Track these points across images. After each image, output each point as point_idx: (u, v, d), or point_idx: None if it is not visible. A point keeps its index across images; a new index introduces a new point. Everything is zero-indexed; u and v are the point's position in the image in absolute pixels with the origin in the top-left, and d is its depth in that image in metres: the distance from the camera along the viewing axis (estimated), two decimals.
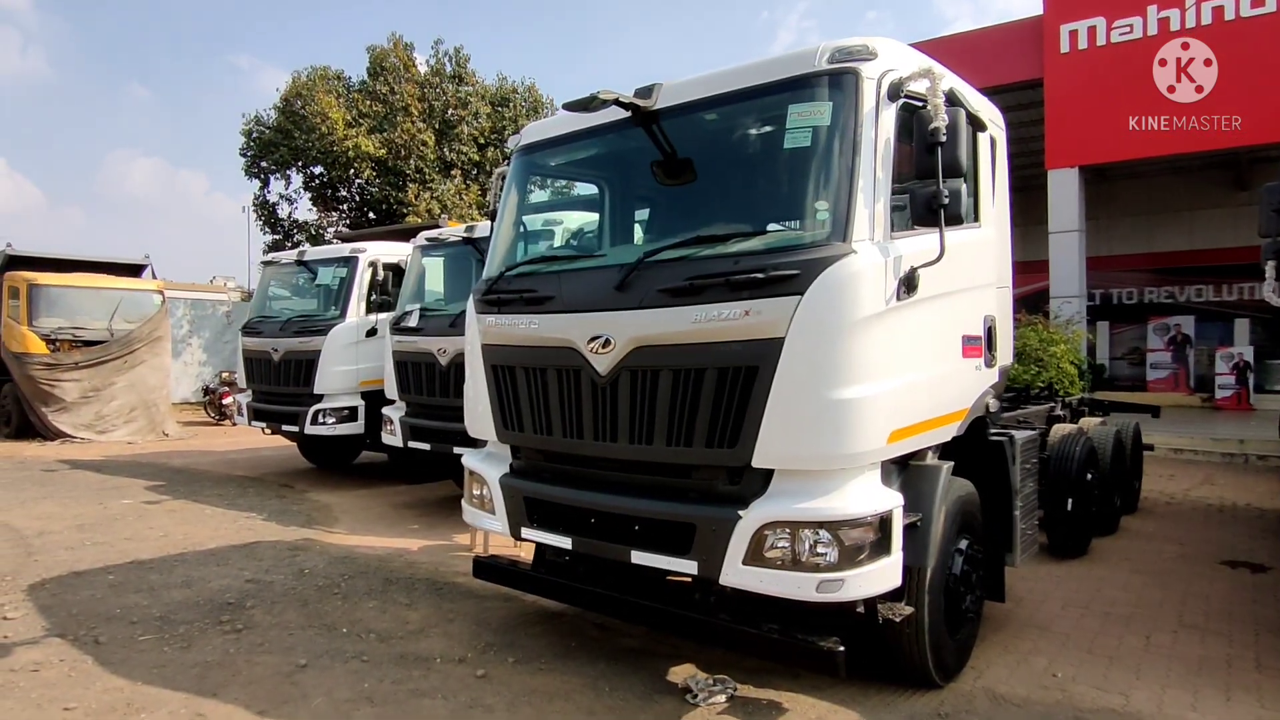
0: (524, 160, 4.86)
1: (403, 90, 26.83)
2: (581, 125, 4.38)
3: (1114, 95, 14.69)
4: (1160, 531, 8.27)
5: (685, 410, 3.57)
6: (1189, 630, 5.17)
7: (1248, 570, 6.75)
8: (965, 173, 3.42)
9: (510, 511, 4.38)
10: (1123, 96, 14.57)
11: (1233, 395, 20.65)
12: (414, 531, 7.89)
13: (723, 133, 4.07)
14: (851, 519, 3.25)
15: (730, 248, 3.58)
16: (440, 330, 8.46)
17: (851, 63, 3.48)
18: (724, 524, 3.44)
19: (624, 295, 3.75)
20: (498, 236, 4.88)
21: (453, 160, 27.52)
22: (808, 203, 3.54)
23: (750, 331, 3.35)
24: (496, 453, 4.70)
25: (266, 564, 6.49)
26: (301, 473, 11.65)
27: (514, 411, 4.36)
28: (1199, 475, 12.49)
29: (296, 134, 26.40)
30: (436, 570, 6.37)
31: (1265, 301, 21.21)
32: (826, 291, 3.24)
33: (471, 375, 4.72)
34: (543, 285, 4.20)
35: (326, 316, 10.34)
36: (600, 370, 3.84)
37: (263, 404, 10.79)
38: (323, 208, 29.16)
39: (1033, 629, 5.14)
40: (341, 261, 10.52)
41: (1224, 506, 9.91)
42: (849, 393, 3.24)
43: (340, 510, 8.93)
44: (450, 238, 9.01)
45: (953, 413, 4.04)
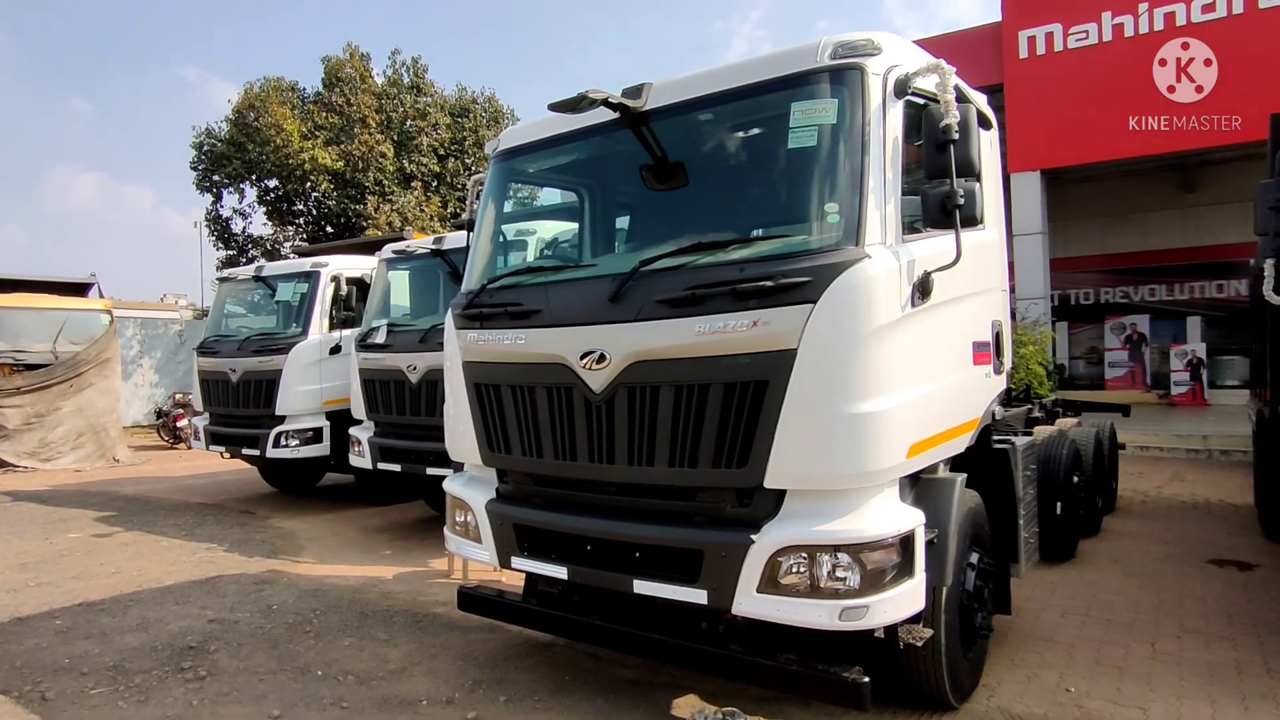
0: (503, 166, 4.60)
1: (359, 101, 26.31)
2: (564, 128, 4.15)
3: (1072, 100, 14.93)
4: (1142, 531, 8.28)
5: (689, 429, 3.35)
6: (1192, 635, 5.08)
7: (1235, 569, 6.74)
8: (978, 172, 3.26)
9: (498, 540, 4.10)
10: (1081, 101, 14.82)
11: (1188, 391, 21.16)
12: (387, 558, 7.52)
13: (718, 133, 3.86)
14: (874, 540, 3.05)
15: (732, 254, 3.37)
16: (410, 346, 8.15)
17: (856, 58, 3.30)
18: (735, 549, 3.22)
19: (619, 307, 3.52)
20: (476, 247, 4.61)
21: (412, 172, 27.04)
22: (815, 205, 3.35)
23: (759, 343, 3.14)
24: (480, 476, 4.42)
25: (230, 601, 6.09)
26: (263, 498, 11.15)
27: (500, 433, 4.09)
28: (1167, 472, 12.65)
29: (250, 146, 25.70)
30: (415, 600, 6.03)
31: (1216, 299, 21.68)
32: (841, 299, 3.04)
33: (452, 394, 4.43)
34: (529, 298, 3.94)
35: (287, 334, 9.92)
36: (594, 387, 3.59)
37: (221, 427, 10.31)
38: (278, 222, 28.41)
39: (1036, 640, 5.01)
40: (302, 276, 10.10)
41: (1198, 503, 10.01)
42: (868, 406, 3.05)
43: (307, 537, 8.51)
44: (418, 250, 8.69)
45: (966, 422, 3.88)
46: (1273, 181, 4.43)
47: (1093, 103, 14.72)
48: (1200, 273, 22.30)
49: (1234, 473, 12.30)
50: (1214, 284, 22.22)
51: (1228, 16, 13.70)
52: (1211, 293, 22.35)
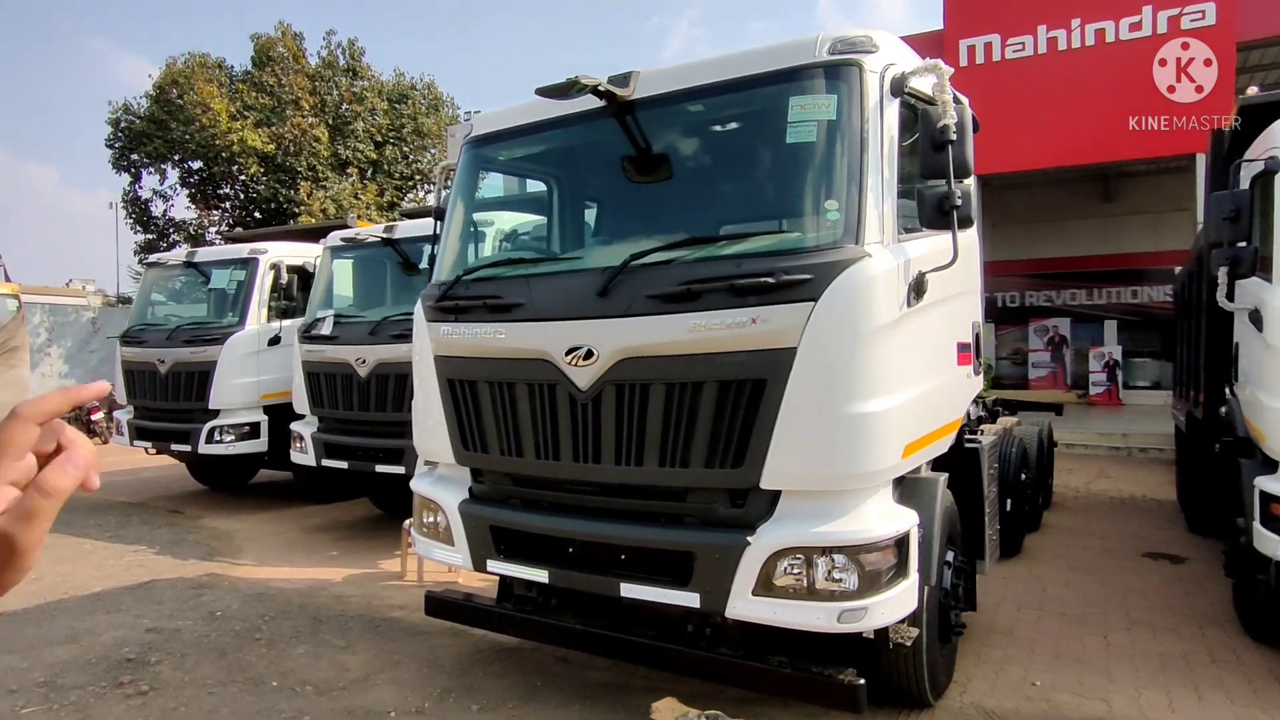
0: (475, 154, 4.42)
1: (291, 82, 25.29)
2: (542, 115, 4.00)
3: (1008, 108, 15.44)
4: (1078, 526, 8.63)
5: (682, 428, 3.26)
6: (1140, 627, 5.29)
7: (1168, 562, 7.07)
8: (972, 172, 3.28)
9: (473, 542, 3.93)
10: (1016, 110, 15.34)
11: (1105, 391, 22.29)
12: (334, 559, 7.21)
13: (708, 125, 3.79)
14: (872, 542, 3.03)
15: (727, 250, 3.30)
16: (359, 338, 7.82)
17: (854, 54, 3.27)
18: (730, 551, 3.15)
19: (607, 302, 3.40)
20: (447, 237, 4.42)
21: (348, 158, 26.16)
22: (814, 202, 3.30)
23: (758, 341, 3.08)
24: (451, 476, 4.24)
25: (168, 608, 5.71)
26: (192, 495, 10.58)
27: (475, 431, 3.92)
28: (1093, 469, 13.24)
29: (173, 125, 24.42)
30: (369, 604, 5.78)
31: (1130, 304, 22.74)
32: (843, 297, 3.01)
33: (422, 390, 4.24)
34: (509, 291, 3.79)
35: (223, 324, 9.40)
36: (580, 385, 3.47)
37: (147, 421, 9.71)
38: (203, 205, 27.08)
39: (998, 635, 5.13)
40: (239, 263, 9.60)
41: (1125, 499, 10.50)
42: (868, 406, 3.02)
43: (244, 538, 8.09)
44: (367, 238, 8.34)
45: (951, 423, 3.91)
46: (1225, 193, 4.61)
47: (1026, 112, 15.25)
48: (1117, 279, 23.46)
49: (1153, 469, 12.98)
50: (1129, 290, 23.42)
51: (1153, 35, 14.38)
52: (1127, 298, 23.55)
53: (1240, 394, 5.16)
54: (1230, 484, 5.67)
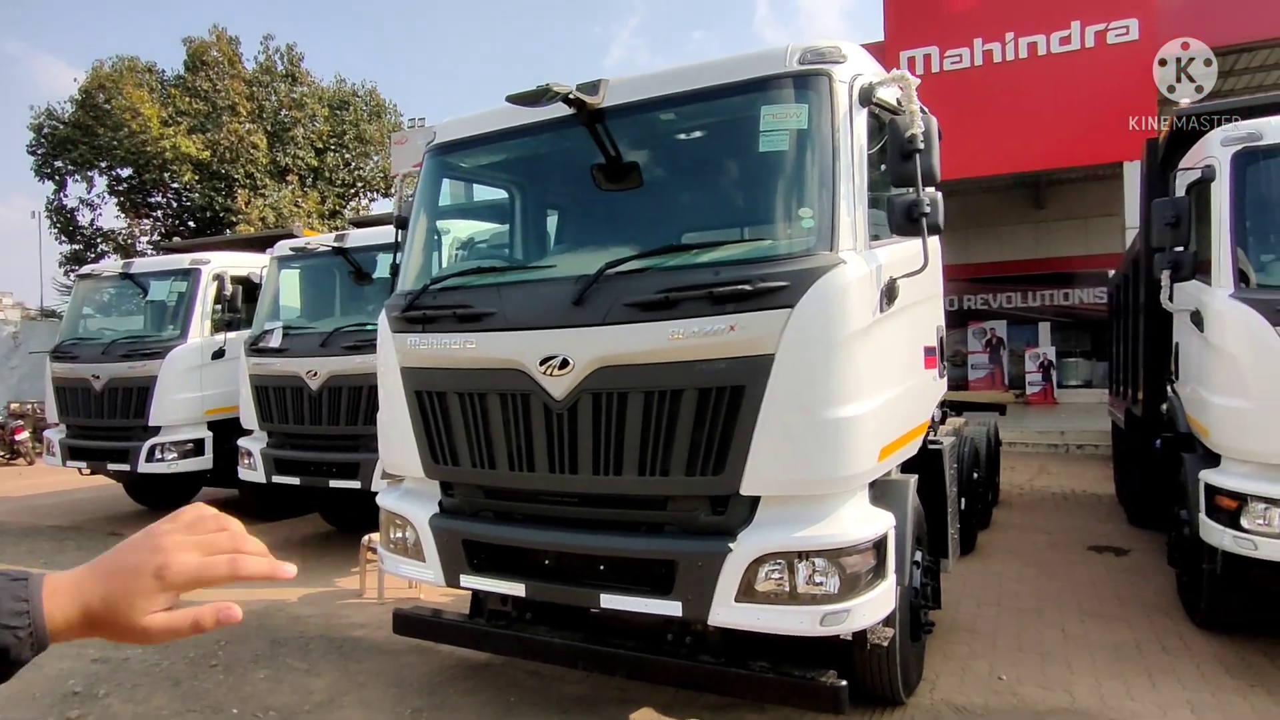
0: (439, 161, 4.35)
1: (227, 87, 24.56)
2: (508, 122, 3.96)
3: (946, 119, 15.94)
4: (1025, 522, 8.91)
5: (661, 436, 3.26)
6: (1093, 619, 5.48)
7: (1112, 554, 7.36)
8: (939, 180, 3.36)
9: (445, 557, 3.85)
10: (954, 120, 15.84)
11: (1040, 391, 23.15)
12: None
13: (678, 134, 3.80)
14: (851, 545, 3.07)
15: (702, 257, 3.31)
16: (309, 350, 7.59)
17: (824, 64, 3.32)
18: (712, 558, 3.15)
19: (583, 310, 3.38)
20: (411, 246, 4.33)
21: (287, 165, 25.50)
22: (787, 210, 3.34)
23: (736, 348, 3.09)
24: (419, 489, 4.14)
25: None
26: (131, 517, 10.12)
27: (445, 443, 3.84)
28: (1034, 465, 13.71)
29: (100, 131, 23.45)
30: (329, 624, 5.61)
31: (1062, 306, 23.54)
32: (819, 304, 3.04)
33: (387, 403, 4.13)
34: (479, 300, 3.73)
35: (163, 337, 9.04)
36: (555, 395, 3.43)
37: (81, 440, 9.26)
38: (133, 214, 26.05)
39: (961, 631, 5.25)
40: (180, 274, 9.24)
41: (1066, 494, 10.89)
42: (845, 411, 3.06)
43: None
44: (317, 247, 8.12)
45: (920, 425, 3.99)
46: (1166, 200, 4.83)
47: (963, 122, 15.76)
48: (1049, 282, 24.39)
49: (1090, 465, 13.50)
50: (1061, 292, 24.38)
51: (1081, 49, 15.03)
52: (1059, 300, 24.51)
53: (1181, 391, 5.40)
54: (1171, 478, 5.94)
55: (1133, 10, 14.60)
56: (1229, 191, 4.56)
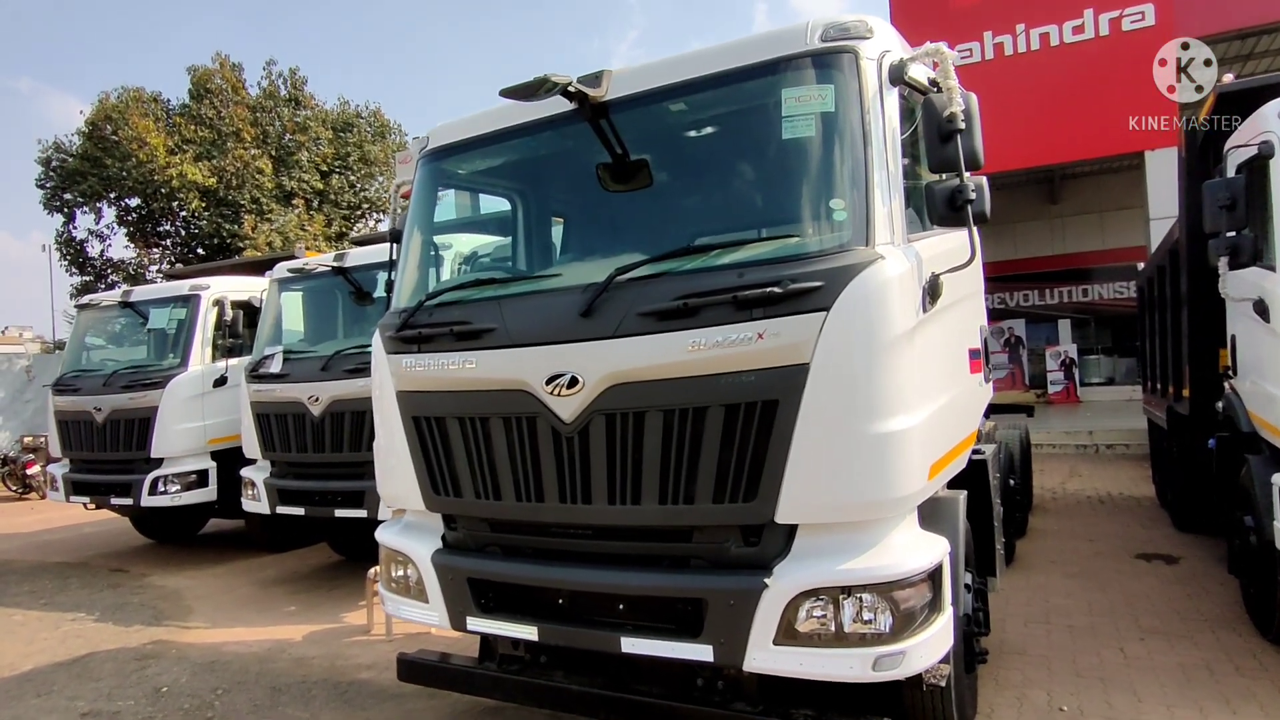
0: (434, 168, 4.05)
1: (231, 114, 24.56)
2: (506, 122, 3.67)
3: None
4: (1064, 528, 8.48)
5: (684, 459, 2.92)
6: (1154, 636, 5.07)
7: (1163, 562, 6.93)
8: (983, 163, 3.02)
9: (449, 597, 3.52)
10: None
11: (1063, 390, 22.63)
12: (292, 615, 6.66)
13: (691, 125, 3.48)
14: (904, 577, 2.71)
15: (723, 258, 2.97)
16: (310, 375, 7.33)
17: (849, 40, 3.00)
18: (746, 596, 2.80)
19: (592, 322, 3.05)
20: (406, 261, 4.03)
21: (293, 189, 25.44)
22: (817, 202, 3.00)
23: (767, 358, 2.75)
24: (421, 523, 3.82)
25: (107, 685, 5.13)
26: (137, 551, 9.87)
27: (446, 473, 3.52)
28: (1064, 468, 13.22)
29: (108, 162, 23.47)
30: (334, 666, 5.28)
31: (1081, 303, 23.00)
32: (858, 304, 2.70)
33: (384, 429, 3.82)
34: (479, 315, 3.41)
35: (163, 366, 8.81)
36: (564, 416, 3.11)
37: (85, 474, 9.04)
38: (142, 244, 26.07)
39: (1012, 655, 4.86)
40: (180, 301, 9.02)
41: (1103, 498, 10.43)
42: (892, 424, 2.71)
43: (194, 596, 7.48)
44: (316, 268, 7.87)
45: (969, 436, 3.64)
46: (1220, 181, 4.47)
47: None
48: (1067, 278, 23.91)
49: (1123, 466, 13.00)
50: (1080, 289, 23.90)
51: (1095, 38, 14.66)
52: (1078, 297, 24.03)
53: (1240, 387, 5.00)
54: (1229, 480, 5.53)
55: None
56: None
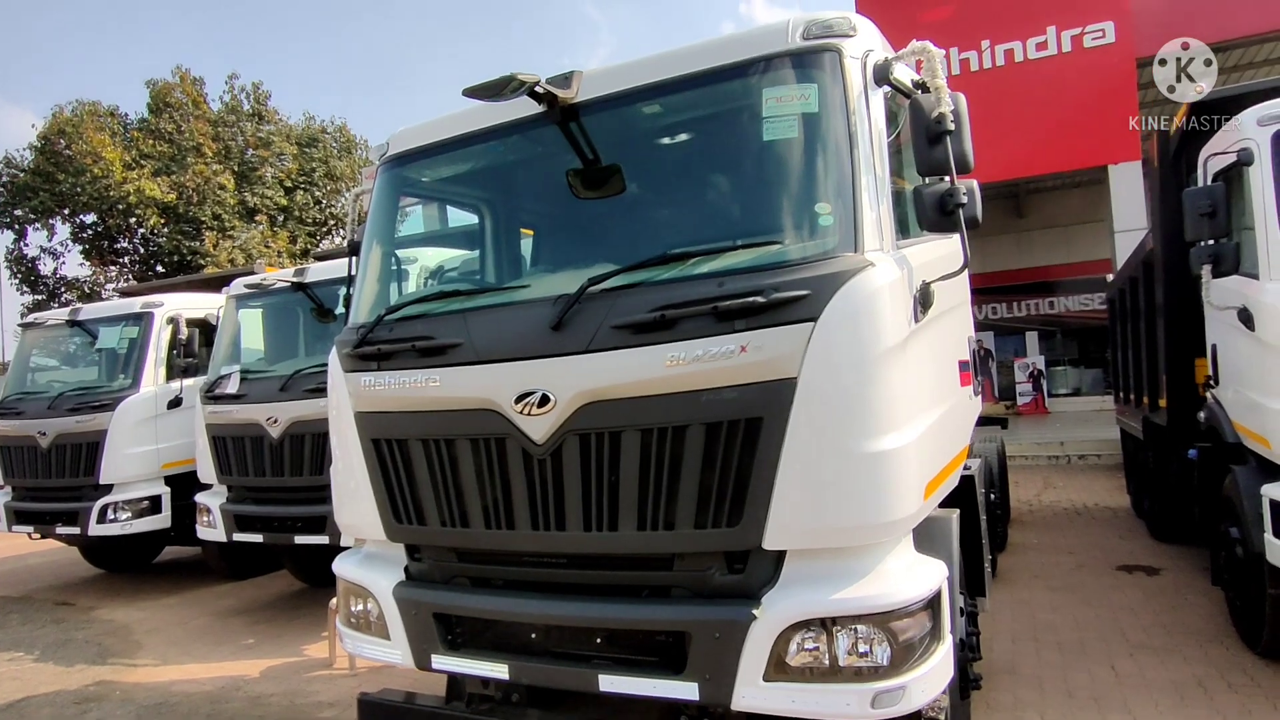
0: (395, 175, 3.83)
1: (192, 128, 24.03)
2: (471, 127, 3.47)
3: None
4: (1043, 541, 8.41)
5: (663, 482, 2.72)
6: (1143, 652, 4.96)
7: (1144, 574, 6.87)
8: (973, 166, 2.89)
9: (413, 634, 3.27)
10: None
11: (1031, 401, 22.85)
12: (249, 648, 6.31)
13: (668, 128, 3.31)
14: (903, 606, 2.53)
15: (702, 267, 2.80)
16: (268, 395, 7.01)
17: (831, 38, 2.86)
18: (732, 628, 2.61)
19: (563, 336, 2.86)
20: (365, 274, 3.80)
21: (256, 205, 24.94)
22: (801, 206, 2.84)
23: (750, 372, 2.57)
24: (382, 554, 3.57)
25: None
26: (86, 583, 9.39)
27: (409, 499, 3.28)
28: (1038, 479, 13.23)
29: (61, 177, 22.80)
30: (293, 705, 4.96)
31: (1048, 315, 23.29)
32: (847, 314, 2.54)
33: (341, 453, 3.57)
34: (442, 329, 3.20)
35: (113, 387, 8.41)
36: (535, 437, 2.90)
37: (27, 502, 8.58)
38: (98, 261, 25.34)
39: (1002, 675, 4.71)
40: (131, 319, 8.63)
41: (1079, 509, 10.42)
42: (886, 442, 2.54)
43: (144, 630, 7.08)
44: (275, 284, 7.56)
45: (962, 451, 3.49)
46: (1200, 189, 4.42)
47: None
48: (1033, 291, 24.25)
49: (1096, 476, 13.05)
50: (1046, 301, 24.27)
51: (1058, 54, 14.89)
52: (1044, 309, 24.39)
53: (1223, 397, 4.94)
54: (1211, 491, 5.47)
55: (1108, 13, 14.49)
56: (1273, 175, 4.14)
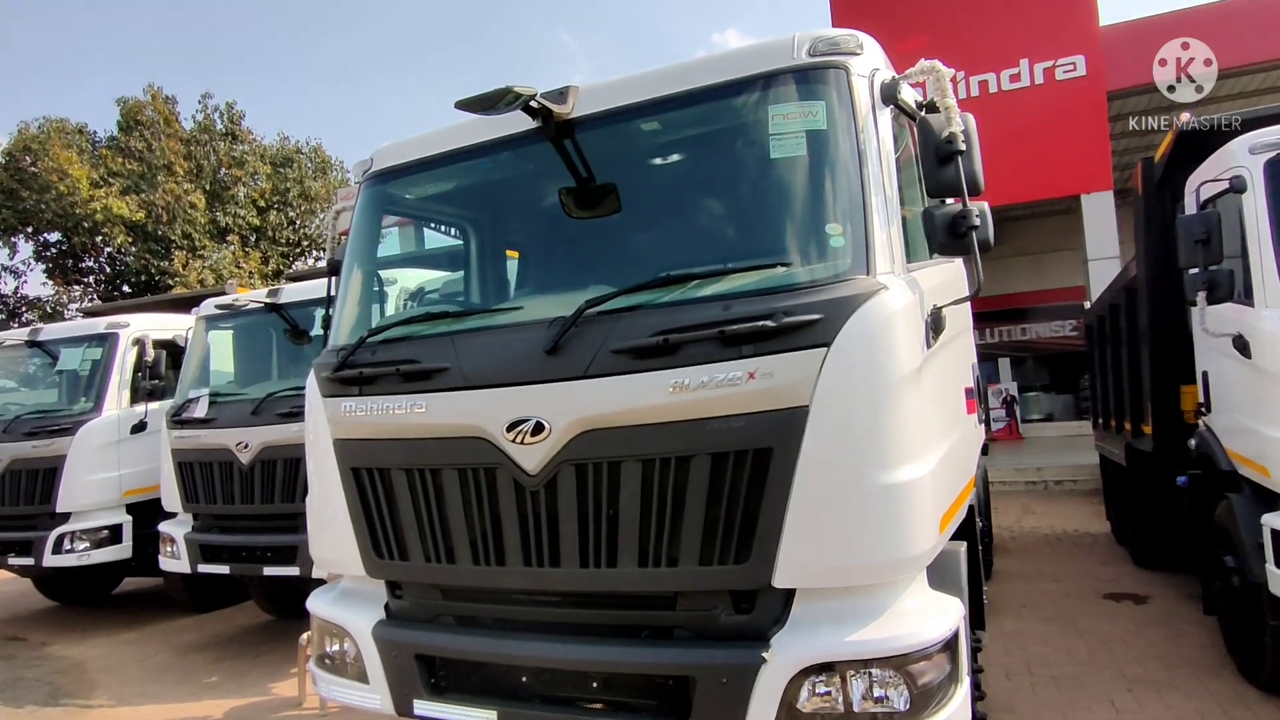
0: (378, 192, 3.68)
1: (163, 146, 23.64)
2: (460, 142, 3.35)
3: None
4: (1028, 569, 8.35)
5: (666, 516, 2.57)
6: (1141, 686, 4.86)
7: (1131, 602, 6.81)
8: (983, 190, 2.80)
9: (393, 677, 3.06)
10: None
11: (1005, 427, 23.03)
12: (212, 687, 5.99)
13: (668, 146, 3.21)
14: (922, 648, 2.40)
15: (706, 289, 2.68)
16: (239, 420, 6.76)
17: (838, 56, 2.78)
18: (741, 673, 2.45)
19: (559, 361, 2.71)
20: (346, 294, 3.63)
21: (228, 225, 24.54)
22: (809, 227, 2.74)
23: (759, 400, 2.45)
24: (360, 590, 3.36)
25: None
26: (39, 616, 8.95)
27: (391, 532, 3.10)
28: (1017, 505, 13.23)
29: (25, 194, 22.25)
30: None
31: (1020, 341, 23.56)
32: (862, 339, 2.43)
33: (319, 483, 3.37)
34: (429, 353, 3.04)
35: (74, 411, 8.08)
36: (528, 467, 2.74)
37: None
38: (62, 280, 24.70)
39: (1000, 713, 4.57)
40: (95, 340, 8.32)
41: (1060, 535, 10.40)
42: (902, 474, 2.42)
43: (100, 668, 6.71)
44: (247, 304, 7.32)
45: (970, 481, 3.38)
46: (1195, 215, 4.41)
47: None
48: (1006, 318, 24.56)
49: (1074, 502, 13.09)
50: (1019, 328, 24.59)
51: (1031, 86, 15.18)
52: (1017, 335, 24.69)
53: (1215, 424, 4.91)
54: (1202, 519, 5.42)
55: (1079, 47, 14.80)
56: (1266, 203, 4.14)
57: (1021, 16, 14.89)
